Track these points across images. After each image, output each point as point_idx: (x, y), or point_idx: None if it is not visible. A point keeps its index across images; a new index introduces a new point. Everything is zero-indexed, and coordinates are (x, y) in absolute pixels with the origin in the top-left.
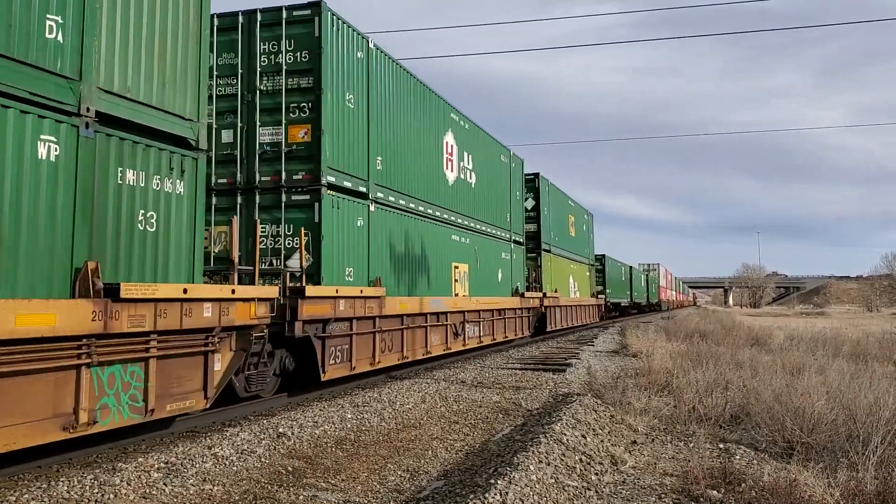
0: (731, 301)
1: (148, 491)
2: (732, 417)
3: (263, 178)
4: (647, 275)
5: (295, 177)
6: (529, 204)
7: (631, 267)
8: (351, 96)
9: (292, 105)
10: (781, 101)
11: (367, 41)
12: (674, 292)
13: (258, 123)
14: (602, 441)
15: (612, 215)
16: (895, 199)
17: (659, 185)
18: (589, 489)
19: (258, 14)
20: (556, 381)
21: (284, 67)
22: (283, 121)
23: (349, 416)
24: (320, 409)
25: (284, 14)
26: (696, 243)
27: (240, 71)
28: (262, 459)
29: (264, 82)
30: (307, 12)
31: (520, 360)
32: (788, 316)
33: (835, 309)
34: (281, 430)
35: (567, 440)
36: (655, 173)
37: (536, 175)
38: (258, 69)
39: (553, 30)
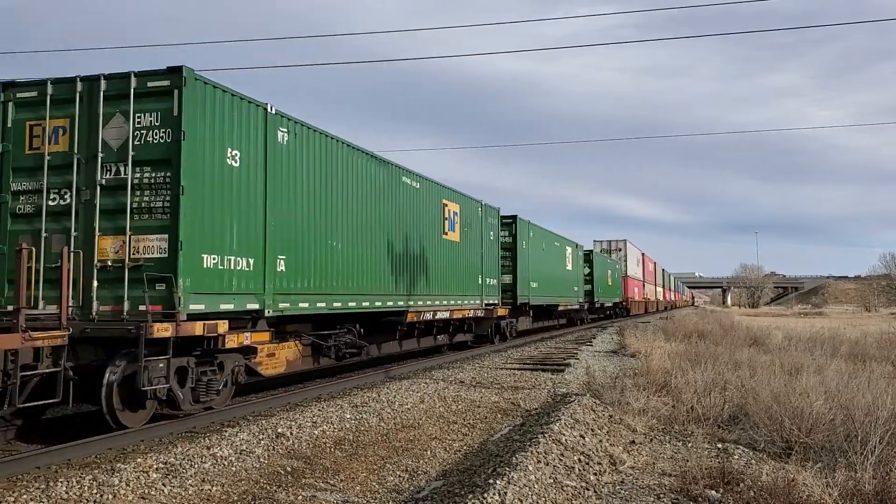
0: (729, 301)
1: (147, 491)
2: (731, 417)
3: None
4: (586, 255)
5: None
6: None
7: (527, 225)
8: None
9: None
10: (784, 101)
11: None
12: (660, 289)
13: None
14: (601, 441)
15: (615, 217)
16: (894, 198)
17: (658, 185)
18: (587, 489)
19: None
20: (554, 381)
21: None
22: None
23: (348, 417)
24: (319, 410)
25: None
26: (694, 243)
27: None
28: (261, 460)
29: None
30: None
31: (518, 359)
32: (787, 316)
33: (833, 309)
34: (280, 430)
35: (566, 440)
36: (655, 173)
37: None
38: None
39: (555, 30)
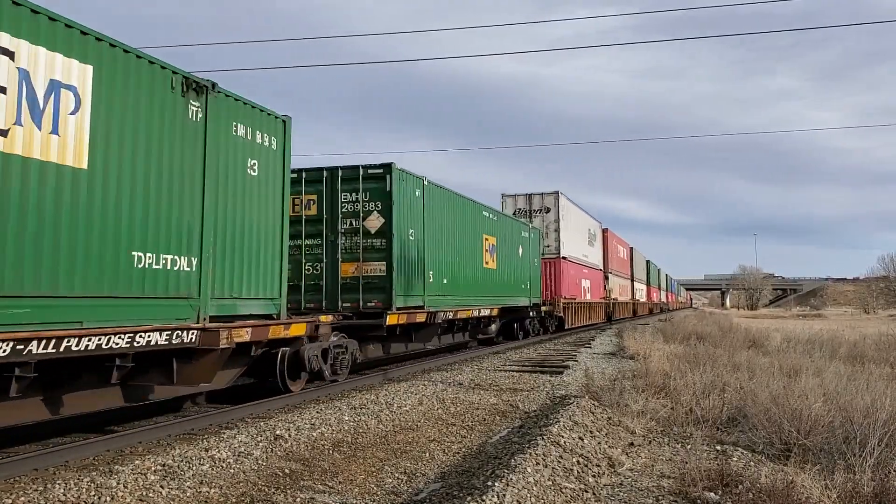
0: (728, 303)
1: (145, 493)
2: (729, 419)
3: None
4: (373, 180)
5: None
6: None
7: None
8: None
9: None
10: (783, 103)
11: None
12: (642, 286)
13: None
14: (599, 443)
15: (615, 218)
16: (893, 199)
17: (657, 186)
18: (586, 491)
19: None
20: (553, 384)
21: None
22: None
23: (346, 419)
24: (317, 412)
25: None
26: (693, 244)
27: None
28: (260, 462)
29: None
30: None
31: (517, 361)
32: (786, 318)
33: (832, 311)
34: (278, 432)
35: (564, 442)
36: (654, 175)
37: None
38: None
39: (556, 32)
